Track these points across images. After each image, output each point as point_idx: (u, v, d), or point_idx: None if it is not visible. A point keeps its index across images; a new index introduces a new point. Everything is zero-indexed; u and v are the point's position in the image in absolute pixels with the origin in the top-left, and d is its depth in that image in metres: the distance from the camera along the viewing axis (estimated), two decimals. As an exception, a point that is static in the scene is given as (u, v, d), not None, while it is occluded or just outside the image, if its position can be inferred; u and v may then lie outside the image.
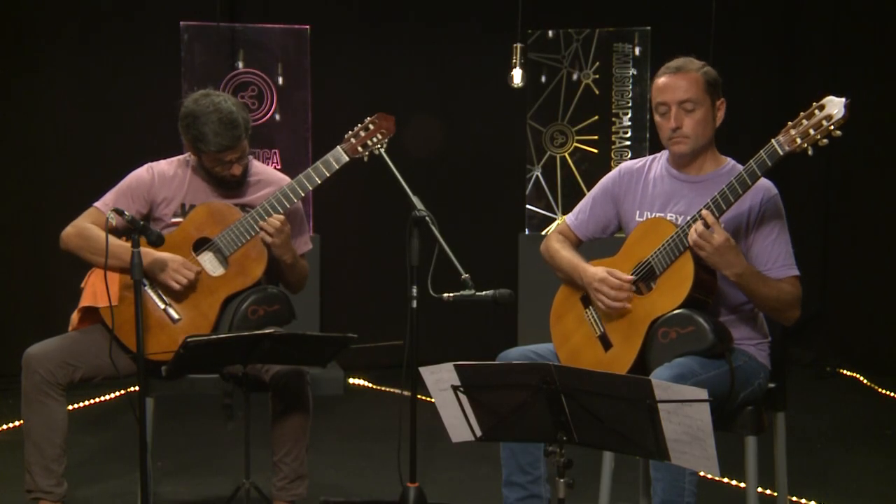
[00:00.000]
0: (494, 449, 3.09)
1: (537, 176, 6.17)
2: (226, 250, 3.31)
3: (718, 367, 2.80)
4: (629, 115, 6.07)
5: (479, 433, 2.41)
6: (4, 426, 4.80)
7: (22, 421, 3.22)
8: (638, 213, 3.10)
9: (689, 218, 2.86)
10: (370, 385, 5.92)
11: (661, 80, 3.01)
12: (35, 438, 3.16)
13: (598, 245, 3.28)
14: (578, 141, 6.14)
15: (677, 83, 2.96)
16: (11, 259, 5.81)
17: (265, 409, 3.30)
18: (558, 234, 3.26)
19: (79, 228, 3.32)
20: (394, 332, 3.49)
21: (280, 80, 5.76)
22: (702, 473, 2.60)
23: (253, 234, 3.29)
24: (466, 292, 2.97)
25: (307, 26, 5.76)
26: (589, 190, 3.27)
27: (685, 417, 2.13)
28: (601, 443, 2.37)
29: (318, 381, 3.34)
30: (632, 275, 2.96)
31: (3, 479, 3.96)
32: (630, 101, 6.06)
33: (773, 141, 2.73)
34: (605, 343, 3.00)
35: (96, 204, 3.37)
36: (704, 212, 2.79)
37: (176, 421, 4.74)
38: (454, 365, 2.33)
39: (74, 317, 3.32)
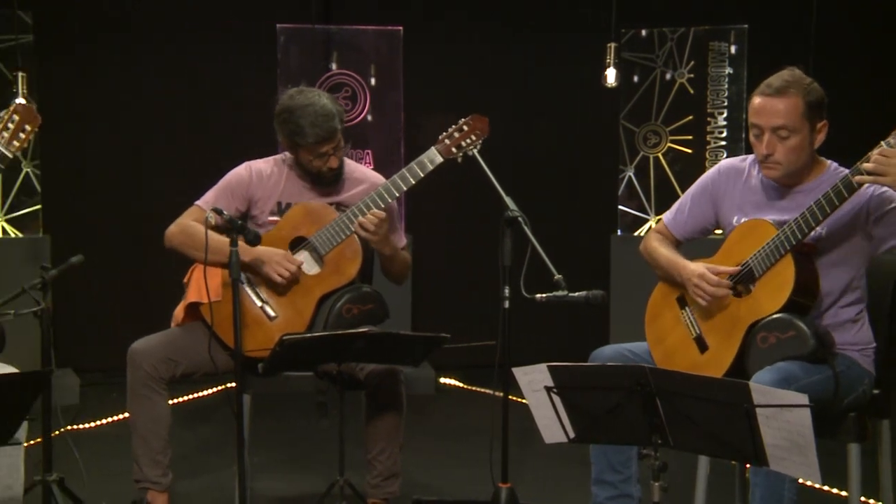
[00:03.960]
0: (587, 450, 3.07)
1: (630, 176, 6.09)
2: (321, 249, 3.36)
3: (822, 372, 2.72)
4: (724, 115, 5.95)
5: (571, 434, 2.40)
6: (111, 419, 4.96)
7: (127, 414, 3.32)
8: (736, 216, 3.01)
9: (791, 220, 2.76)
10: (461, 385, 5.94)
11: (757, 100, 2.83)
12: (141, 431, 3.26)
13: (695, 246, 3.23)
14: (672, 141, 6.04)
15: (774, 107, 2.78)
16: (116, 257, 5.99)
17: (359, 407, 3.33)
18: (657, 233, 3.21)
19: (182, 226, 3.40)
20: (486, 333, 3.50)
21: (373, 81, 5.82)
22: (801, 480, 2.53)
23: (348, 233, 3.33)
24: (559, 293, 2.94)
25: (400, 27, 5.80)
26: (682, 190, 3.21)
27: (785, 423, 2.08)
28: (697, 447, 2.34)
29: (409, 381, 3.36)
30: (730, 278, 2.89)
31: (111, 468, 4.07)
32: (726, 100, 5.94)
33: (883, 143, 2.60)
34: (702, 345, 2.95)
35: (198, 202, 3.45)
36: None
37: (272, 417, 4.81)
38: (547, 366, 2.32)
39: (179, 311, 3.39)
